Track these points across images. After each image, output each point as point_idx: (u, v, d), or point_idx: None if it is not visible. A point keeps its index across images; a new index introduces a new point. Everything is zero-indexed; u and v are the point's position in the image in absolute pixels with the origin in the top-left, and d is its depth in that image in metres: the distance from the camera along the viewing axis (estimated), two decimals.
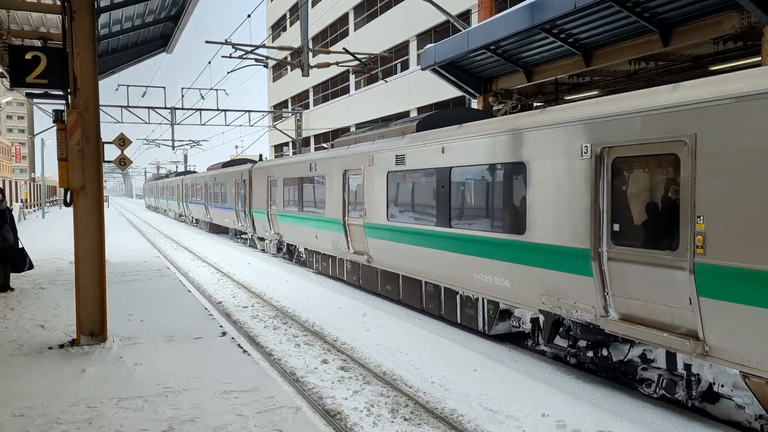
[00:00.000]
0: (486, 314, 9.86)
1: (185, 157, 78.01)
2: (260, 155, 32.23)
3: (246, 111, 39.21)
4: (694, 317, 6.01)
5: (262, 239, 23.46)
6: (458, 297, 10.53)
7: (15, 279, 12.90)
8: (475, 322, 10.14)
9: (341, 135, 17.62)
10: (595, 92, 14.17)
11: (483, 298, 9.83)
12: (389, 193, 12.25)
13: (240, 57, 20.17)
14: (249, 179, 23.34)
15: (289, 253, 20.51)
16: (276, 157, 51.53)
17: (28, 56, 8.42)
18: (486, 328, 9.90)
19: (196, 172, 49.74)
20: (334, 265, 16.19)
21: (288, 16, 49.17)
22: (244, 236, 27.05)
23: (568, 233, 7.52)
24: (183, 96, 35.84)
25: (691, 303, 6.05)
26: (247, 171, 23.75)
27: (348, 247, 14.26)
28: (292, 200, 18.15)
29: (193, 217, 40.27)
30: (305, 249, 18.24)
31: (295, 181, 17.75)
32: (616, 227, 6.93)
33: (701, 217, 5.91)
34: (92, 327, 8.30)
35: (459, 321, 10.60)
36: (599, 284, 7.12)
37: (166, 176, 63.10)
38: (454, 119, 11.45)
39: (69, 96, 8.26)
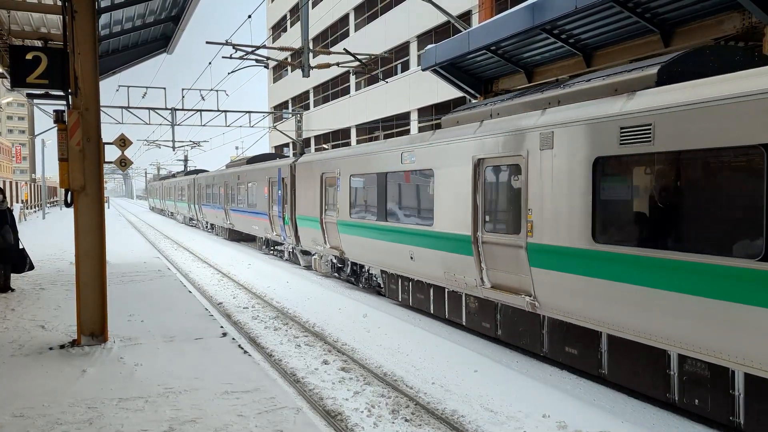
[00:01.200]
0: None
1: (186, 157, 77.89)
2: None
3: (246, 112, 39.21)
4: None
5: (307, 253, 18.95)
6: None
7: (15, 279, 12.90)
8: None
9: (452, 111, 11.31)
10: None
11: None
12: (599, 197, 7.38)
13: (240, 58, 20.16)
14: (291, 177, 18.67)
15: (354, 275, 15.49)
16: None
17: (29, 56, 8.42)
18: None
19: (206, 170, 43.32)
20: (440, 299, 11.32)
21: (288, 17, 49.20)
22: (279, 248, 22.59)
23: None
24: (183, 97, 35.81)
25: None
26: (287, 167, 19.00)
27: (482, 279, 9.42)
28: (365, 205, 13.57)
29: (207, 222, 35.35)
30: (383, 272, 13.63)
31: (372, 179, 13.19)
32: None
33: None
34: (93, 327, 8.30)
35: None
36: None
37: (173, 176, 56.98)
38: None
39: (70, 96, 8.26)
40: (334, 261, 16.22)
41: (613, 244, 7.08)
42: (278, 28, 51.51)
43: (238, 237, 29.54)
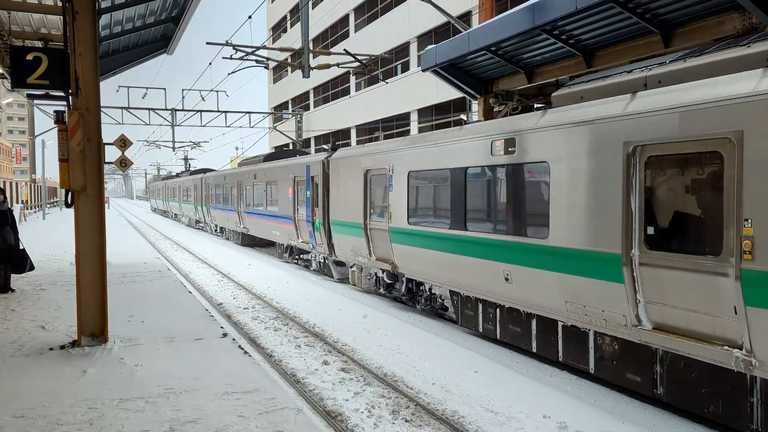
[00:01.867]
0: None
1: (186, 157, 77.72)
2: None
3: (246, 112, 39.25)
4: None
5: (341, 264, 16.55)
6: None
7: (16, 280, 12.90)
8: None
9: (567, 85, 8.86)
10: None
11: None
12: None
13: (241, 58, 20.18)
14: (323, 176, 15.96)
15: (410, 294, 12.71)
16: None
17: (29, 57, 8.43)
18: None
19: (213, 170, 40.10)
20: (549, 336, 8.58)
21: (288, 18, 49.22)
22: (305, 257, 19.37)
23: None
24: (183, 97, 35.86)
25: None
26: (319, 164, 16.29)
27: (637, 316, 6.82)
28: (431, 209, 11.05)
29: (216, 225, 32.55)
30: (454, 293, 10.82)
31: (442, 177, 10.61)
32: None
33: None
34: (93, 328, 8.30)
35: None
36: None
37: (177, 175, 51.96)
38: None
39: (70, 97, 8.26)
40: (381, 276, 13.28)
41: None
42: (278, 29, 51.54)
43: (251, 242, 26.76)
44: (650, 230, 6.65)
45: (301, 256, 19.66)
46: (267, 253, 24.61)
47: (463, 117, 24.29)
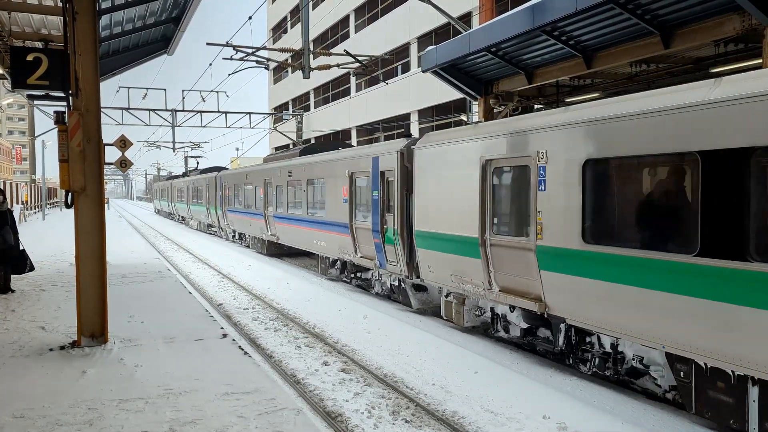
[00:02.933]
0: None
1: (186, 159, 77.65)
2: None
3: (247, 113, 39.25)
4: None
5: (422, 289, 12.66)
6: None
7: (16, 281, 12.90)
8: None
9: None
10: (596, 94, 14.17)
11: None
12: None
13: (241, 59, 20.18)
14: (401, 171, 12.14)
15: (569, 347, 8.42)
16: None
17: (30, 58, 8.44)
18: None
19: (226, 168, 36.46)
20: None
21: (289, 18, 49.25)
22: (364, 275, 15.08)
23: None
24: (184, 98, 35.88)
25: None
26: (394, 155, 12.33)
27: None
28: (645, 219, 7.05)
29: (234, 231, 28.32)
30: (680, 360, 6.53)
31: (686, 164, 6.41)
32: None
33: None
34: (93, 328, 8.30)
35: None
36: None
37: (185, 174, 46.79)
38: None
39: (70, 97, 8.26)
40: (509, 315, 9.38)
41: None
42: (279, 30, 51.57)
43: (279, 251, 22.69)
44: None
45: (358, 274, 15.34)
46: (300, 265, 20.82)
47: (464, 118, 24.29)
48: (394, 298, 13.68)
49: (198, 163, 56.57)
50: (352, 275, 15.50)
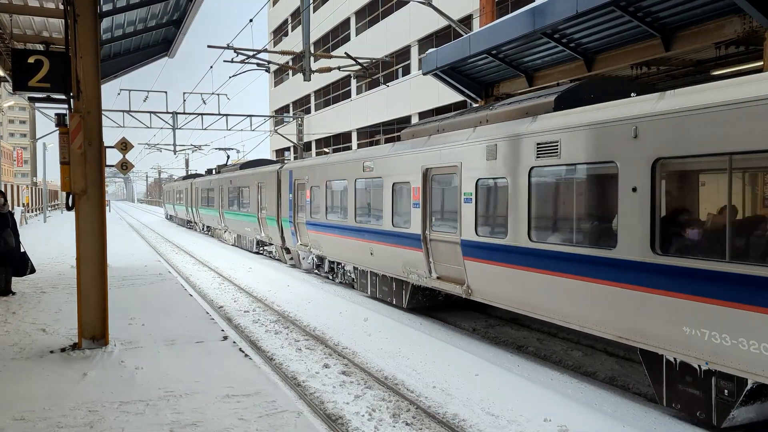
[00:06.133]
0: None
1: (186, 161, 77.70)
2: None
3: (247, 115, 39.28)
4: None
5: None
6: None
7: (16, 283, 12.90)
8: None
9: None
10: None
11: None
12: None
13: (242, 62, 20.21)
14: None
15: None
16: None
17: (31, 60, 8.46)
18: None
19: (272, 161, 29.41)
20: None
21: (290, 21, 49.31)
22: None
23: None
24: (185, 100, 35.92)
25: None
26: None
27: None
28: None
29: (325, 261, 17.26)
30: None
31: None
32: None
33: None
34: (94, 331, 8.29)
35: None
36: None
37: (213, 171, 35.99)
38: None
39: (71, 100, 8.27)
40: None
41: None
42: (279, 32, 51.63)
43: (428, 303, 12.82)
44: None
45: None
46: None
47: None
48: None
49: (228, 157, 45.55)
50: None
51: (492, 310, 12.56)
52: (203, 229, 37.53)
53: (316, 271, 18.25)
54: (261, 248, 24.71)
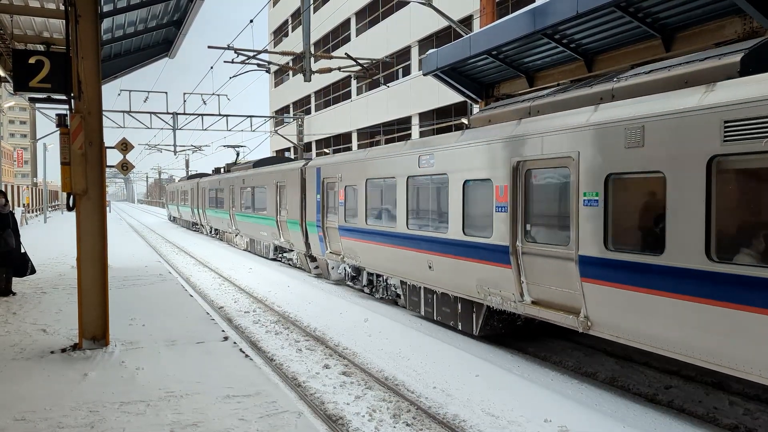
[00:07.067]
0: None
1: (187, 162, 77.65)
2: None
3: (248, 116, 39.29)
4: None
5: None
6: None
7: (17, 283, 12.90)
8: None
9: None
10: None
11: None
12: None
13: (242, 62, 20.21)
14: None
15: None
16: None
17: (32, 60, 8.47)
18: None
19: (292, 158, 27.86)
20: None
21: (290, 22, 49.33)
22: None
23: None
24: (185, 101, 35.91)
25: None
26: None
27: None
28: None
29: (390, 285, 13.63)
30: None
31: None
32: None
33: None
34: (94, 331, 8.30)
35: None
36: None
37: (223, 170, 33.47)
38: None
39: (72, 100, 8.28)
40: None
41: None
42: (280, 33, 51.64)
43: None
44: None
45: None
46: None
47: (465, 121, 24.31)
48: None
49: (238, 154, 41.21)
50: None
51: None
52: (210, 231, 35.22)
53: (350, 283, 15.79)
54: (279, 255, 22.25)
